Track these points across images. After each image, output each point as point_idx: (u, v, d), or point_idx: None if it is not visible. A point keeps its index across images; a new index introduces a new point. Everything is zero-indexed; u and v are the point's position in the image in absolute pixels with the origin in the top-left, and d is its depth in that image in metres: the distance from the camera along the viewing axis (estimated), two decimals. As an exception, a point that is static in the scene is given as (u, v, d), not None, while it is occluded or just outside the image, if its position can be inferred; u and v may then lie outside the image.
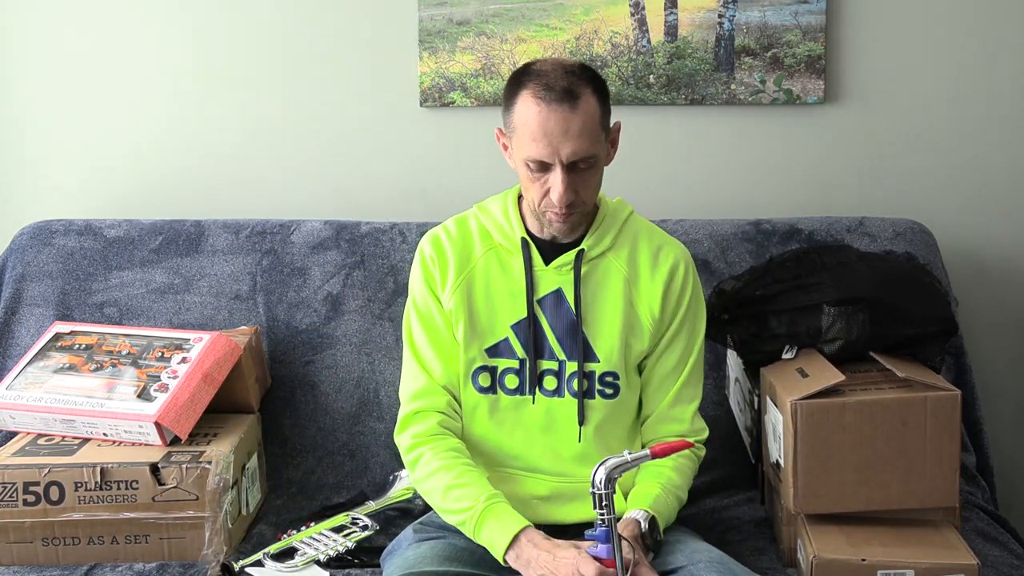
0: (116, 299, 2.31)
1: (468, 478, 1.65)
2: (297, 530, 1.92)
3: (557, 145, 1.60)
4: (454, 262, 1.76)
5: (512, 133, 1.66)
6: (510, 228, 1.75)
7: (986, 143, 2.45)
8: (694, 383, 1.80)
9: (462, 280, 1.75)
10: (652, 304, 1.75)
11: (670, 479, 1.72)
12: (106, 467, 1.87)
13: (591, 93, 1.63)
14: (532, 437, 1.75)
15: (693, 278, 1.79)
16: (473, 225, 1.79)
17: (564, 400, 1.74)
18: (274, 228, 2.36)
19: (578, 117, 1.60)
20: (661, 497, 1.68)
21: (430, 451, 1.70)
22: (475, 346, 1.75)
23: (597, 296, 1.74)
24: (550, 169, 1.63)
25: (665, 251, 1.78)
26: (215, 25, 2.48)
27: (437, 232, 1.80)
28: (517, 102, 1.64)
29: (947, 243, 2.40)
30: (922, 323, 1.96)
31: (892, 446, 1.79)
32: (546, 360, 1.74)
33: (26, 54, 2.50)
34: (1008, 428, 2.53)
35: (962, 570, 1.68)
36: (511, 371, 1.74)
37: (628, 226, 1.78)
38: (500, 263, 1.76)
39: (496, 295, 1.75)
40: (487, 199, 1.82)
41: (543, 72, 1.63)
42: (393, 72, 2.47)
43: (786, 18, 2.40)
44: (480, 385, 1.75)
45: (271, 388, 2.27)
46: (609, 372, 1.74)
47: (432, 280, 1.77)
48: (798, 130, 2.46)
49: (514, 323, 1.74)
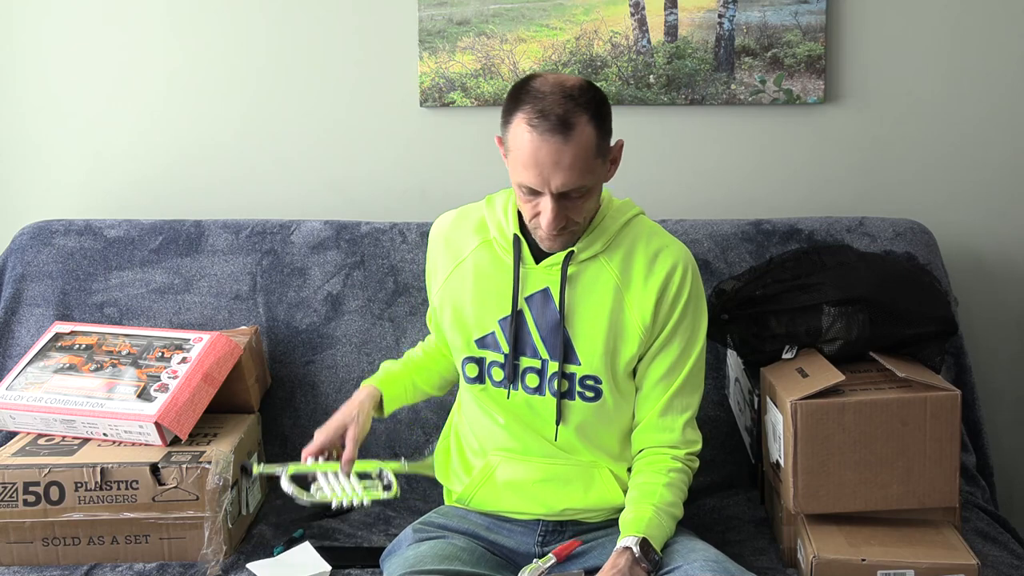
0: (116, 299, 2.31)
1: (389, 371, 1.91)
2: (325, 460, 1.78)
3: (548, 176, 1.57)
4: (452, 252, 1.78)
5: (507, 151, 1.63)
6: (506, 224, 1.74)
7: (986, 143, 2.45)
8: (688, 393, 1.75)
9: (454, 269, 1.78)
10: (644, 310, 1.71)
11: (662, 497, 1.68)
12: (106, 467, 1.87)
13: (588, 121, 1.57)
14: (518, 428, 1.76)
15: (691, 284, 1.73)
16: (475, 217, 1.80)
17: (545, 399, 1.74)
18: (274, 228, 2.37)
19: (570, 149, 1.55)
20: (654, 519, 1.65)
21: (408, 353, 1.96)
22: (464, 336, 1.77)
23: (583, 298, 1.72)
24: (540, 195, 1.61)
25: (663, 255, 1.73)
26: (215, 25, 2.48)
27: (444, 218, 1.85)
28: (512, 123, 1.60)
29: (947, 243, 2.40)
30: (922, 323, 1.96)
31: (892, 446, 1.79)
32: (529, 357, 1.74)
33: (26, 54, 2.50)
34: (1008, 428, 2.53)
35: (962, 570, 1.68)
36: (496, 364, 1.76)
37: (628, 229, 1.74)
38: (493, 257, 1.76)
39: (487, 288, 1.75)
40: (498, 192, 1.82)
41: (541, 95, 1.57)
42: (393, 72, 2.47)
43: (786, 18, 2.40)
44: (468, 375, 1.78)
45: (271, 388, 2.27)
46: (590, 376, 1.72)
47: (433, 265, 1.82)
48: (798, 130, 2.46)
49: (501, 318, 1.74)
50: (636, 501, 1.69)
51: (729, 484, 2.16)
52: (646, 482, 1.71)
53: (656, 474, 1.71)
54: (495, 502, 1.78)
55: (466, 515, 1.81)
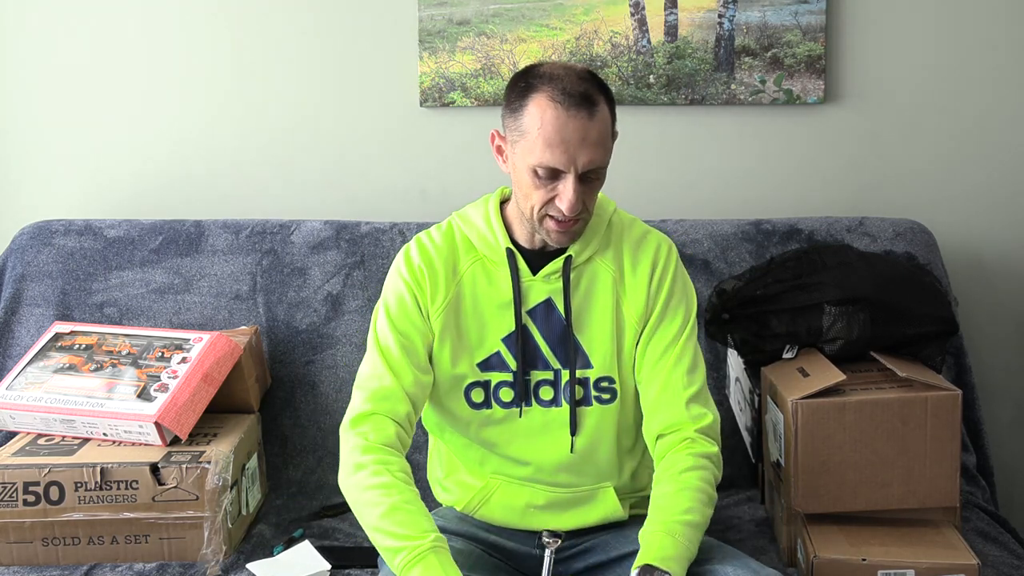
0: (116, 299, 2.31)
1: (417, 507, 1.52)
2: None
3: (574, 153, 1.52)
4: (443, 276, 1.67)
5: (519, 137, 1.56)
6: (493, 238, 1.67)
7: (986, 143, 2.45)
8: (691, 369, 1.67)
9: (451, 295, 1.68)
10: (638, 295, 1.68)
11: (676, 507, 1.54)
12: (106, 467, 1.86)
13: (604, 101, 1.55)
14: (527, 449, 1.70)
15: (676, 261, 1.70)
16: (457, 236, 1.70)
17: (562, 409, 1.68)
18: (274, 228, 2.36)
19: (595, 125, 1.53)
20: (664, 540, 1.51)
21: (381, 464, 1.56)
22: (466, 361, 1.68)
23: (587, 300, 1.68)
24: (560, 177, 1.55)
25: (647, 240, 1.70)
26: (214, 25, 2.48)
27: (423, 242, 1.70)
28: (529, 104, 1.54)
29: (947, 243, 2.40)
30: (922, 323, 1.96)
31: (892, 446, 1.79)
32: (540, 371, 1.68)
33: (26, 54, 2.50)
34: (1008, 428, 2.53)
35: (962, 570, 1.68)
36: (505, 384, 1.69)
37: (613, 224, 1.72)
38: (487, 275, 1.68)
39: (485, 308, 1.67)
40: (466, 207, 1.74)
41: (556, 76, 1.54)
42: (393, 72, 2.47)
43: (786, 18, 2.40)
44: (473, 401, 1.69)
45: (271, 388, 2.27)
46: (604, 377, 1.68)
47: (421, 293, 1.67)
48: (798, 130, 2.46)
49: (505, 336, 1.68)
50: (649, 523, 1.56)
51: (729, 484, 2.15)
52: (661, 494, 1.58)
53: (670, 481, 1.59)
54: (493, 519, 1.75)
55: (465, 518, 1.80)
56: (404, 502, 1.51)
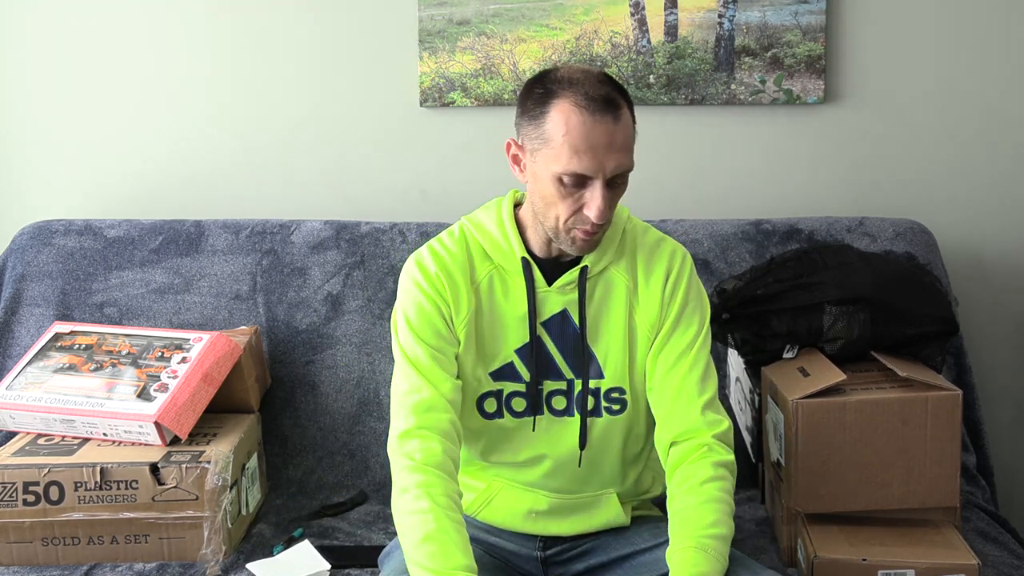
0: (116, 299, 2.31)
1: (450, 537, 1.48)
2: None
3: (602, 158, 1.47)
4: (464, 286, 1.62)
5: (541, 145, 1.50)
6: (508, 247, 1.62)
7: (986, 143, 2.45)
8: (704, 377, 1.63)
9: (473, 306, 1.63)
10: (651, 306, 1.65)
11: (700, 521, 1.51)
12: (106, 467, 1.86)
13: (625, 104, 1.51)
14: (535, 459, 1.69)
15: (689, 273, 1.66)
16: (470, 243, 1.65)
17: (574, 419, 1.66)
18: (274, 228, 2.36)
19: (621, 130, 1.48)
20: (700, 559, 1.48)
21: (423, 488, 1.52)
22: (480, 370, 1.65)
23: (601, 311, 1.65)
24: (587, 184, 1.50)
25: (661, 247, 1.67)
26: (214, 25, 2.48)
27: (436, 250, 1.64)
28: (551, 111, 1.49)
29: (947, 243, 2.40)
30: (922, 323, 1.96)
31: (893, 446, 1.79)
32: (553, 380, 1.66)
33: (27, 54, 2.50)
34: (1008, 428, 2.53)
35: (962, 570, 1.68)
36: (518, 394, 1.66)
37: (627, 232, 1.68)
38: (503, 285, 1.64)
39: (500, 319, 1.64)
40: (476, 211, 1.69)
41: (576, 80, 1.49)
42: (393, 72, 2.47)
43: (786, 18, 2.40)
44: (486, 411, 1.66)
45: (271, 388, 2.27)
46: (615, 388, 1.65)
47: (443, 302, 1.62)
48: (798, 130, 2.46)
49: (518, 347, 1.65)
50: (674, 537, 1.53)
51: (729, 484, 2.15)
52: (684, 507, 1.54)
53: (692, 494, 1.55)
54: (495, 521, 1.74)
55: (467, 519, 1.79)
56: (439, 531, 1.47)
